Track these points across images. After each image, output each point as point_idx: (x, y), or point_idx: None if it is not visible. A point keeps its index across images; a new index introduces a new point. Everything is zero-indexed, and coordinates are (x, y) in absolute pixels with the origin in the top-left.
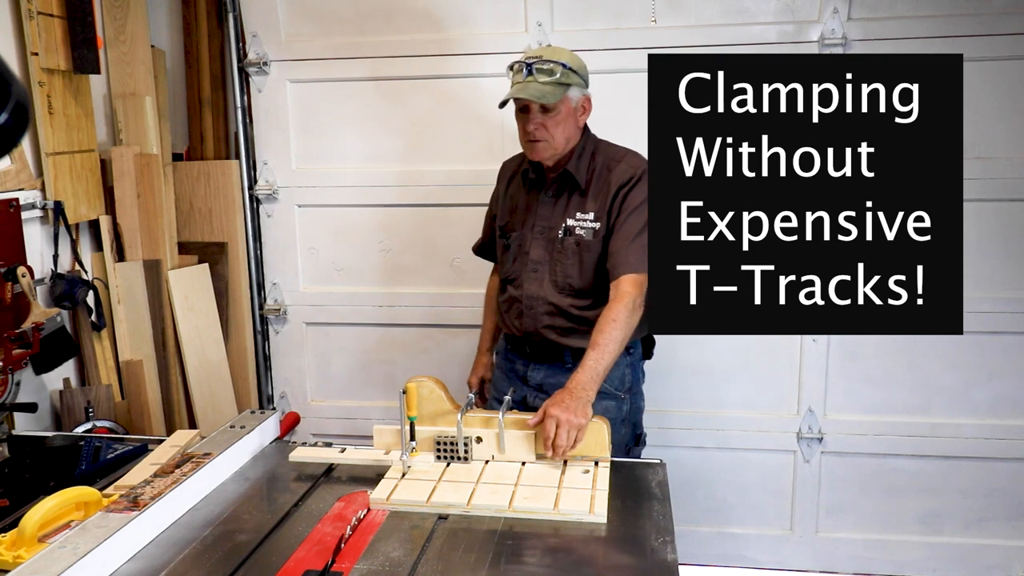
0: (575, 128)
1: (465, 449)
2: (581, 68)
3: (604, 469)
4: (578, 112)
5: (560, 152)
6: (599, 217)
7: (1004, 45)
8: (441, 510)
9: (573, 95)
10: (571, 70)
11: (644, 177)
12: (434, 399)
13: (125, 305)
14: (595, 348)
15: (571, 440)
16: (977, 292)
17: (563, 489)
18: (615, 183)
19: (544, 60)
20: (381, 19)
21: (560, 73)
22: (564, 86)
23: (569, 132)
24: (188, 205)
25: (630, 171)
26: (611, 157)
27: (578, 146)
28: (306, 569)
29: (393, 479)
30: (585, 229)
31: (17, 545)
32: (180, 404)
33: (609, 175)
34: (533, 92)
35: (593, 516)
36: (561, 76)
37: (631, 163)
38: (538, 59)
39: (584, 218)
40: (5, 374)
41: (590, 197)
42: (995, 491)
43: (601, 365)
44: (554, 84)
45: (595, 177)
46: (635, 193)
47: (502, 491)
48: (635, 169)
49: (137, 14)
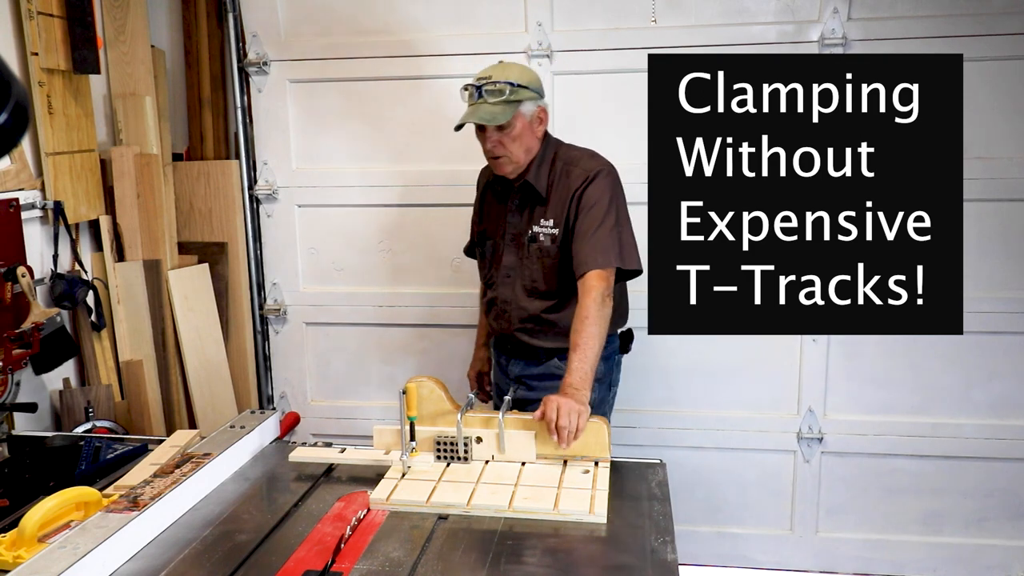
0: (533, 139)
1: (465, 449)
2: (533, 81)
3: (604, 469)
4: (534, 124)
5: (522, 164)
6: (558, 223)
7: (1004, 45)
8: (441, 510)
9: (526, 109)
10: (521, 86)
11: (599, 176)
12: (434, 399)
13: (125, 305)
14: (576, 350)
15: (574, 423)
16: (977, 292)
17: (563, 489)
18: (571, 189)
19: (493, 81)
20: (381, 19)
21: (509, 91)
22: (515, 103)
23: (527, 144)
24: (188, 205)
25: (583, 175)
26: (569, 162)
27: (538, 155)
28: (306, 569)
29: (393, 479)
30: (546, 236)
31: (17, 545)
32: (180, 404)
33: (567, 180)
34: (482, 115)
35: (593, 516)
36: (511, 94)
37: (585, 167)
38: (487, 80)
39: (546, 224)
40: (5, 374)
41: (551, 205)
42: (995, 491)
43: (587, 364)
44: (504, 103)
45: (554, 184)
46: (589, 192)
47: (502, 491)
48: (588, 172)
49: (137, 14)
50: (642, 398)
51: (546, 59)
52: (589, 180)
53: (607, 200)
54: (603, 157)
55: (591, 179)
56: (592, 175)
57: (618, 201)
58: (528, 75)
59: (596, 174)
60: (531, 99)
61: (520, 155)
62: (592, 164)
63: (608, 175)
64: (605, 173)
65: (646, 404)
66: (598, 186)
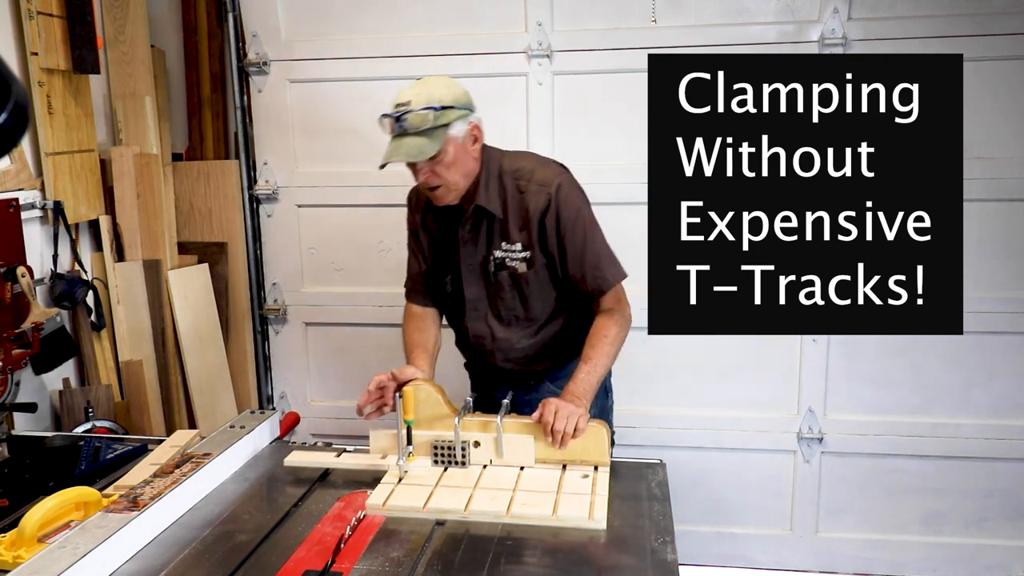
0: (471, 160)
1: (463, 453)
2: (459, 98)
3: (604, 474)
4: (468, 144)
5: (463, 189)
6: (528, 246)
7: (1003, 45)
8: (438, 516)
9: (456, 132)
10: (446, 107)
11: (561, 189)
12: (431, 403)
13: (125, 305)
14: (587, 362)
15: (571, 425)
16: (977, 292)
17: (562, 494)
18: (534, 211)
19: (412, 109)
20: (381, 19)
21: (433, 117)
22: (442, 128)
23: (465, 168)
24: (188, 205)
25: (543, 194)
26: (520, 178)
27: (482, 175)
28: (306, 569)
29: (390, 484)
30: (516, 260)
31: (17, 545)
32: (180, 404)
33: (524, 200)
34: (407, 151)
35: (592, 522)
36: (436, 119)
37: (540, 180)
38: (406, 108)
39: (511, 248)
40: (5, 374)
41: (511, 226)
42: (995, 491)
43: (594, 378)
44: (429, 132)
45: (509, 203)
46: (563, 212)
47: (500, 496)
48: (547, 188)
49: (137, 14)
50: (642, 398)
51: (546, 59)
52: (554, 197)
53: (583, 213)
54: (550, 161)
55: (556, 196)
56: (554, 190)
57: (588, 206)
58: (453, 91)
59: (558, 188)
60: (460, 118)
61: (459, 181)
62: (546, 175)
63: (568, 184)
64: (565, 183)
65: (646, 404)
66: (568, 202)
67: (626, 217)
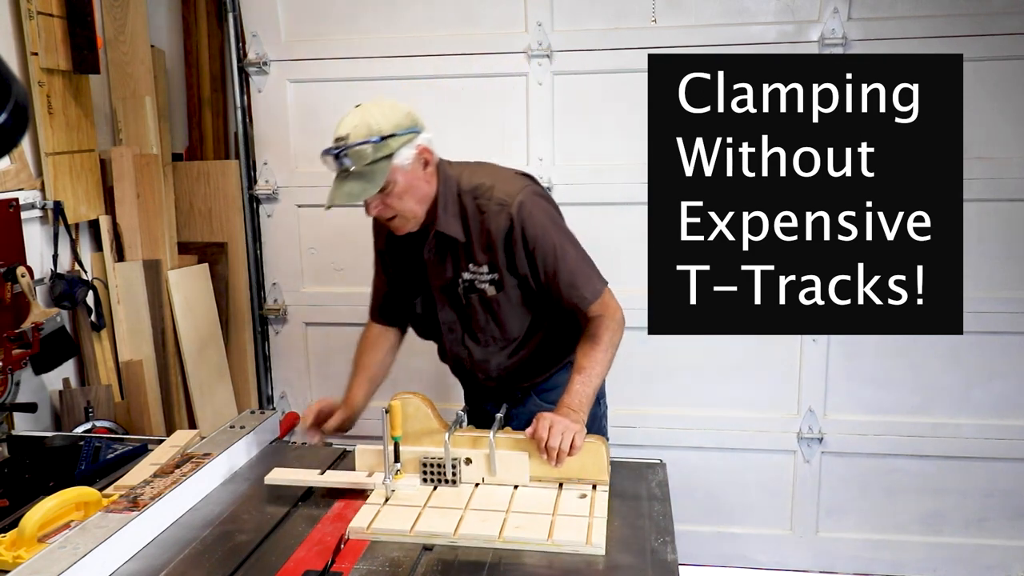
0: (425, 185)
1: (453, 471)
2: (401, 123)
3: (603, 493)
4: (418, 169)
5: (421, 215)
6: (494, 268)
7: (1003, 45)
8: (426, 540)
9: (403, 160)
10: (387, 136)
11: (523, 208)
12: (420, 417)
13: (125, 305)
14: (580, 372)
15: (567, 442)
16: (977, 292)
17: (558, 516)
18: (496, 233)
19: (350, 145)
20: (381, 19)
21: (373, 150)
22: (385, 160)
23: (419, 194)
24: (188, 205)
25: (504, 214)
26: (479, 196)
27: (439, 197)
28: (306, 569)
29: (375, 504)
30: (484, 283)
31: (17, 545)
32: (180, 404)
33: (485, 221)
34: (350, 191)
35: (590, 547)
36: (376, 151)
37: (501, 201)
38: (344, 144)
39: (479, 271)
40: (5, 374)
41: (476, 248)
42: (995, 491)
43: (589, 388)
44: (371, 167)
45: (471, 224)
46: (528, 232)
47: (492, 519)
48: (508, 208)
49: (137, 14)
50: (642, 398)
51: (546, 59)
52: (516, 218)
53: (549, 230)
54: (511, 174)
55: (518, 215)
56: (515, 210)
57: (556, 219)
58: (393, 115)
59: (519, 207)
60: (405, 143)
61: (414, 209)
62: (506, 191)
63: (530, 199)
64: (527, 199)
65: (646, 404)
66: (532, 220)
67: (626, 217)
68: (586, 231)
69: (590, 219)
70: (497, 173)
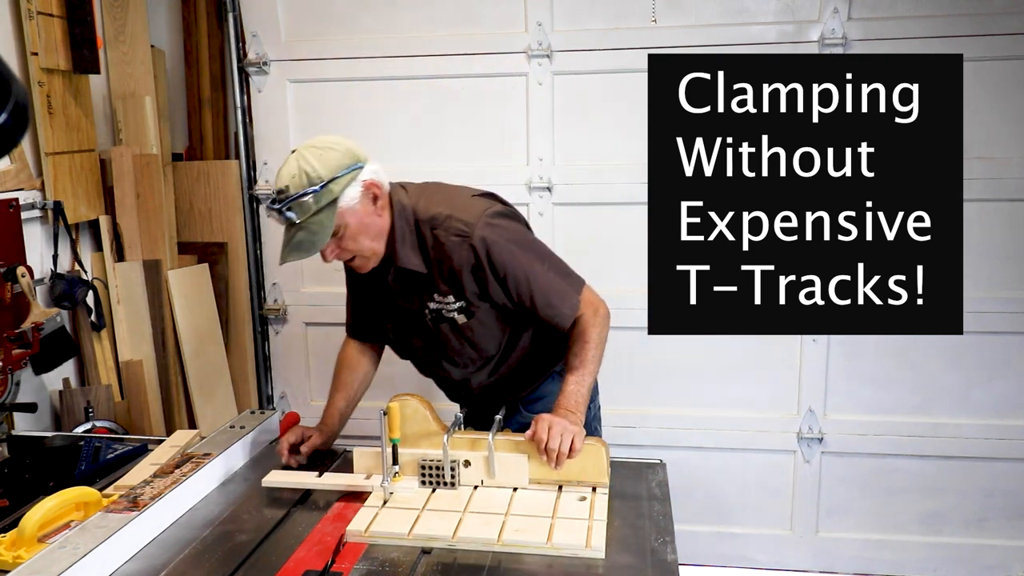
0: (378, 220)
1: (452, 474)
2: (340, 163)
3: (603, 495)
4: (368, 205)
5: (381, 250)
6: (461, 296)
7: (1003, 45)
8: (424, 543)
9: (348, 201)
10: (327, 182)
11: (486, 239)
12: (418, 419)
13: (125, 305)
14: (573, 371)
15: (567, 444)
16: (977, 292)
17: (557, 519)
18: (460, 265)
19: (291, 197)
20: (381, 19)
21: (314, 199)
22: (330, 205)
23: (374, 231)
24: (188, 205)
25: (465, 246)
26: (437, 227)
27: (396, 229)
28: (306, 569)
29: (373, 507)
30: (452, 311)
31: (17, 545)
32: (180, 404)
33: (446, 252)
34: (299, 244)
35: (590, 551)
36: (317, 200)
37: (460, 232)
38: (285, 197)
39: (444, 301)
40: (5, 374)
41: (438, 279)
42: (995, 491)
43: (583, 387)
44: (317, 217)
45: (432, 254)
46: (494, 261)
47: (491, 521)
48: (469, 239)
49: (137, 14)
50: (642, 398)
51: (546, 59)
52: (479, 249)
53: (516, 253)
54: (468, 198)
55: (481, 246)
56: (478, 242)
57: (521, 238)
58: (331, 158)
59: (481, 239)
60: (349, 183)
61: (372, 247)
62: (465, 219)
63: (490, 225)
64: (486, 226)
65: (646, 404)
66: (496, 248)
67: (626, 217)
68: (586, 231)
69: (590, 219)
70: (454, 199)
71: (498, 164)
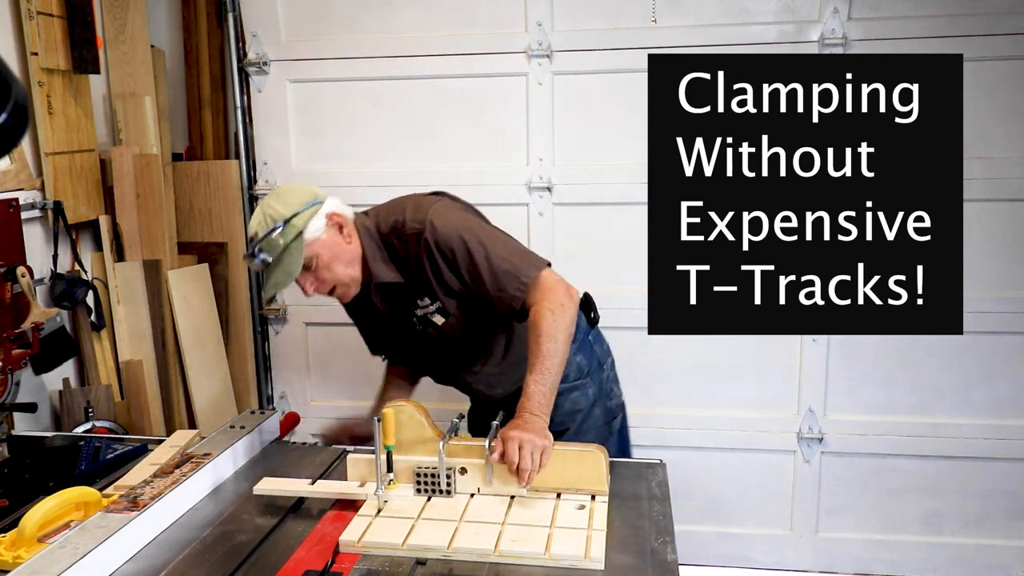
0: (347, 246)
1: (448, 481)
2: (299, 199)
3: (602, 504)
4: (335, 235)
5: (359, 276)
6: (434, 298)
7: (1004, 45)
8: (419, 554)
9: (313, 233)
10: (288, 220)
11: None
12: (413, 425)
13: (125, 305)
14: (532, 371)
15: (536, 462)
16: (977, 292)
17: (555, 528)
18: (419, 261)
19: (260, 239)
20: (381, 19)
21: (280, 235)
22: (297, 239)
23: (345, 258)
24: (188, 205)
25: (419, 239)
26: (397, 232)
27: (366, 251)
28: (306, 569)
29: (367, 516)
30: (434, 315)
31: (17, 545)
32: (180, 404)
33: (411, 254)
34: (276, 282)
35: (589, 562)
36: (283, 236)
37: (414, 230)
38: (256, 241)
39: (426, 306)
40: (5, 374)
41: (416, 285)
42: (995, 491)
43: (545, 385)
44: (287, 252)
45: (404, 263)
46: (443, 247)
47: (487, 531)
48: (421, 232)
49: (137, 14)
50: (642, 398)
51: (546, 59)
52: (429, 239)
53: (464, 237)
54: (420, 198)
55: (431, 236)
56: (428, 231)
57: (470, 220)
58: (290, 197)
59: (430, 226)
60: (311, 217)
61: (348, 273)
62: (417, 217)
63: (439, 213)
64: (435, 214)
65: (646, 404)
66: (443, 233)
67: (626, 217)
68: (586, 231)
69: (590, 219)
70: (406, 203)
71: (498, 164)
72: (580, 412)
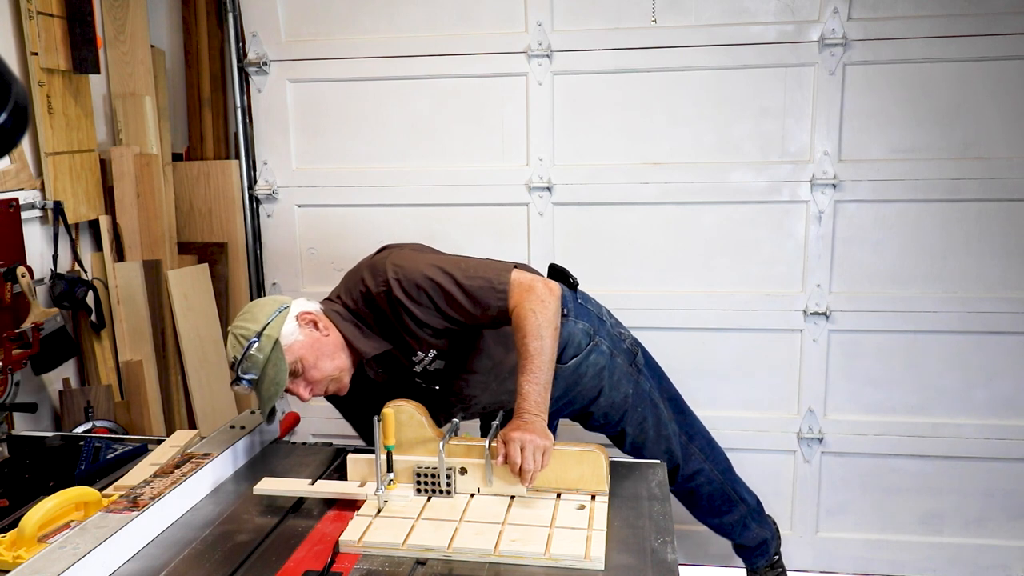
0: (327, 341)
1: (448, 481)
2: (266, 311)
3: (602, 504)
4: (311, 333)
5: (348, 365)
6: (429, 347)
7: (1004, 45)
8: (419, 554)
9: (289, 336)
10: (261, 332)
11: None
12: (413, 425)
13: (125, 305)
14: (523, 372)
15: (538, 462)
16: (977, 292)
17: (555, 529)
18: (400, 318)
19: (240, 360)
20: (381, 19)
21: (259, 350)
22: (275, 349)
23: (328, 352)
24: (188, 205)
25: (391, 299)
26: (369, 305)
27: (347, 336)
28: (306, 569)
29: (367, 516)
30: (432, 363)
31: (17, 545)
32: (180, 404)
33: (388, 313)
34: (267, 394)
35: (589, 562)
36: (260, 350)
37: (379, 292)
38: (238, 364)
39: (421, 360)
40: (5, 374)
41: (405, 342)
42: (995, 491)
43: (538, 386)
44: (269, 364)
45: (385, 327)
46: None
47: (488, 531)
48: (389, 290)
49: (137, 14)
50: None
51: (546, 59)
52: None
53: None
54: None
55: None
56: (393, 283)
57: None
58: (256, 312)
59: (393, 281)
60: (282, 323)
61: (337, 365)
62: (376, 279)
63: (392, 264)
64: (391, 266)
65: None
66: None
67: (626, 217)
68: (586, 231)
69: (590, 219)
70: (361, 273)
71: (498, 164)
72: (604, 368)
